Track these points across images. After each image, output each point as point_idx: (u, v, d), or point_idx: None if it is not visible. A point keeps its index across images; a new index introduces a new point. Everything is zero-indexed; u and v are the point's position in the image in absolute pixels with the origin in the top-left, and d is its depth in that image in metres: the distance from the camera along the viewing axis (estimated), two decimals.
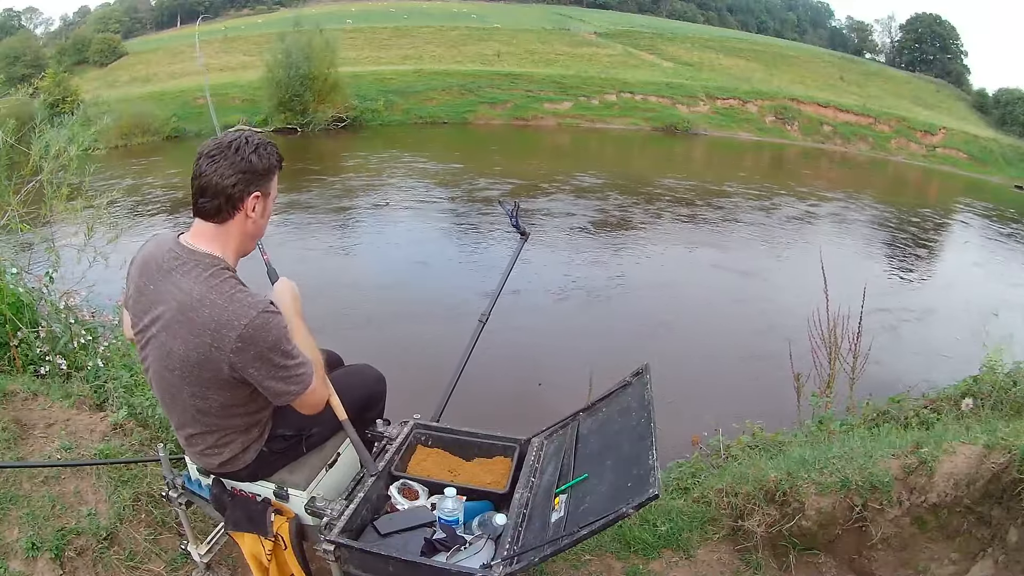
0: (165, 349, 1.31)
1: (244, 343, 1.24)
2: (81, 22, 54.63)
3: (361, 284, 7.44)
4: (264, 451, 1.53)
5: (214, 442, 1.47)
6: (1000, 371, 2.87)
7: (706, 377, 5.54)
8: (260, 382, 1.32)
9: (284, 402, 1.37)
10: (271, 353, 1.28)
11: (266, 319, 1.26)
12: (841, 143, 28.60)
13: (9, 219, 3.51)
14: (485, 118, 25.45)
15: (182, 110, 20.96)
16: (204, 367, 1.28)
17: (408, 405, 2.09)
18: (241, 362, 1.27)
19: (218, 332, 1.24)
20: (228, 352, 1.25)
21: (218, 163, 1.27)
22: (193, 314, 1.25)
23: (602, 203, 12.84)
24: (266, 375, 1.30)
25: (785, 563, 2.12)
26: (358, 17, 40.98)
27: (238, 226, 1.33)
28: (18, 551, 1.78)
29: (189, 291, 1.26)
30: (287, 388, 1.34)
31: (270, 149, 1.34)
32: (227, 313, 1.24)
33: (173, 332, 1.28)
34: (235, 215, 1.31)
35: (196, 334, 1.25)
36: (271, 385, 1.32)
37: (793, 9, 73.93)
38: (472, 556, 1.49)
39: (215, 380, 1.32)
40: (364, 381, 1.85)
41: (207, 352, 1.26)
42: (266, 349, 1.27)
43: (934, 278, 10.27)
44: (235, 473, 1.56)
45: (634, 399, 1.75)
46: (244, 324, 1.23)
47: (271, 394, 1.35)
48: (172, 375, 1.34)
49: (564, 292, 7.61)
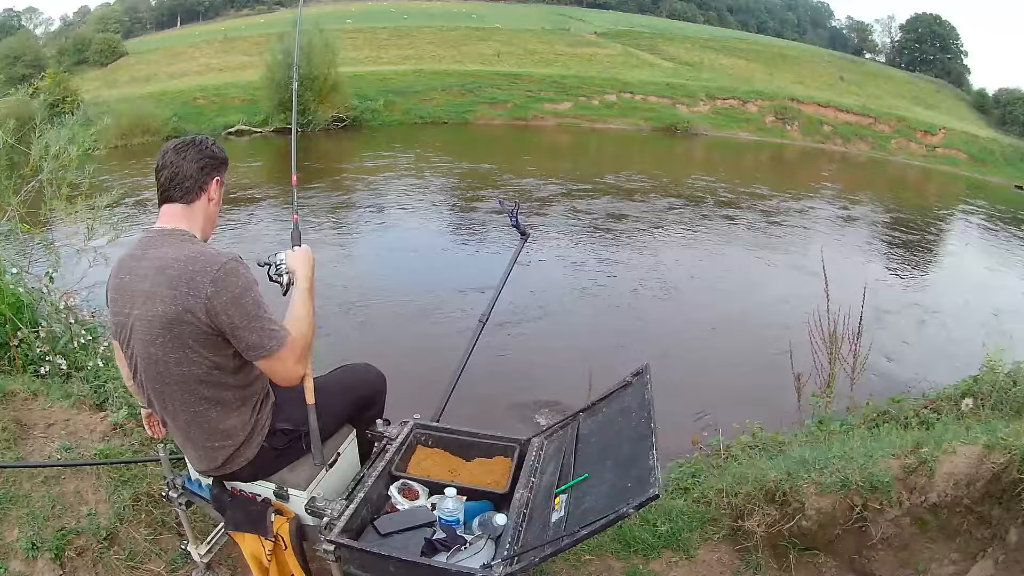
0: (147, 322, 1.38)
1: (217, 287, 1.33)
2: (81, 22, 54.63)
3: (361, 284, 7.44)
4: (265, 447, 1.53)
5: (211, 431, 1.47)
6: (1000, 371, 2.87)
7: (706, 377, 5.54)
8: (234, 332, 1.36)
9: (258, 357, 1.39)
10: (243, 299, 1.35)
11: (236, 266, 1.37)
12: (841, 143, 28.57)
13: (9, 219, 3.51)
14: (485, 118, 25.42)
15: (182, 110, 20.97)
16: (184, 321, 1.34)
17: (408, 405, 2.09)
18: (216, 306, 1.33)
19: (193, 280, 1.33)
20: (203, 298, 1.32)
21: (186, 153, 1.46)
22: (170, 271, 1.35)
23: (601, 203, 12.84)
24: (240, 323, 1.35)
25: (785, 563, 2.12)
26: (358, 17, 40.96)
27: (202, 207, 1.49)
28: (18, 551, 1.78)
29: (164, 255, 1.38)
30: (260, 341, 1.37)
31: (222, 147, 1.55)
32: (200, 263, 1.35)
33: (152, 298, 1.36)
34: (201, 196, 1.48)
35: (173, 287, 1.34)
36: (245, 336, 1.36)
37: (793, 9, 73.87)
38: (472, 556, 1.49)
39: (196, 336, 1.36)
40: (365, 379, 1.85)
41: (184, 302, 1.33)
42: (238, 293, 1.35)
43: (934, 278, 10.26)
44: (237, 473, 1.56)
45: (634, 399, 1.75)
46: (216, 269, 1.34)
47: (245, 347, 1.38)
48: (157, 347, 1.38)
49: (564, 292, 7.60)
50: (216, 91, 23.12)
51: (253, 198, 11.61)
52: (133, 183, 11.55)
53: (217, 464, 1.53)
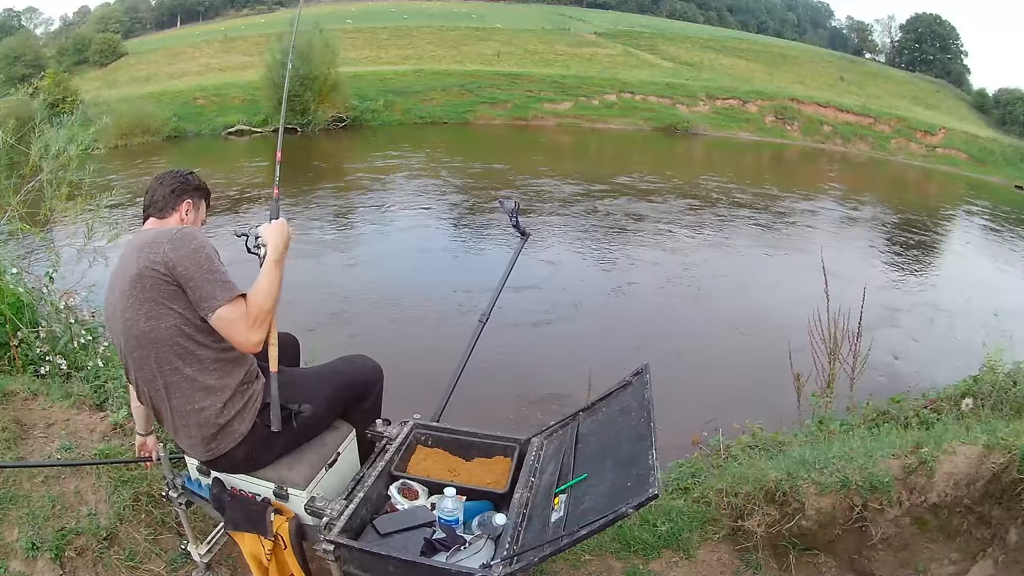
0: (121, 292, 1.48)
1: (174, 245, 1.46)
2: (81, 22, 54.63)
3: (361, 284, 7.44)
4: (258, 423, 1.55)
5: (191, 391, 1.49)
6: (1000, 371, 2.87)
7: (706, 377, 5.54)
8: (188, 282, 1.44)
9: (206, 310, 1.44)
10: (197, 254, 1.46)
11: (192, 231, 1.52)
12: (841, 143, 28.57)
13: (9, 219, 3.51)
14: (485, 118, 25.42)
15: (182, 110, 20.96)
16: (146, 276, 1.44)
17: (408, 405, 2.09)
18: (172, 259, 1.44)
19: (155, 242, 1.47)
20: (162, 254, 1.44)
21: (163, 179, 1.69)
22: (136, 243, 1.51)
23: (601, 203, 12.84)
24: (193, 274, 1.44)
25: (785, 563, 2.12)
26: (358, 17, 40.96)
27: (175, 224, 1.64)
28: (18, 551, 1.78)
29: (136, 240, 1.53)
30: (212, 292, 1.44)
31: (201, 180, 1.75)
32: (161, 234, 1.50)
33: (125, 272, 1.48)
34: (172, 215, 1.66)
35: (139, 253, 1.47)
36: (198, 287, 1.44)
37: (793, 9, 73.82)
38: (472, 556, 1.49)
39: (159, 288, 1.44)
40: (359, 367, 1.86)
41: (146, 260, 1.44)
42: (193, 248, 1.46)
43: (934, 278, 10.26)
44: (233, 454, 1.55)
45: (634, 399, 1.75)
46: (174, 233, 1.49)
47: (199, 298, 1.44)
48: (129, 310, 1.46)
49: (563, 292, 7.61)
50: (216, 91, 23.12)
51: (254, 198, 11.63)
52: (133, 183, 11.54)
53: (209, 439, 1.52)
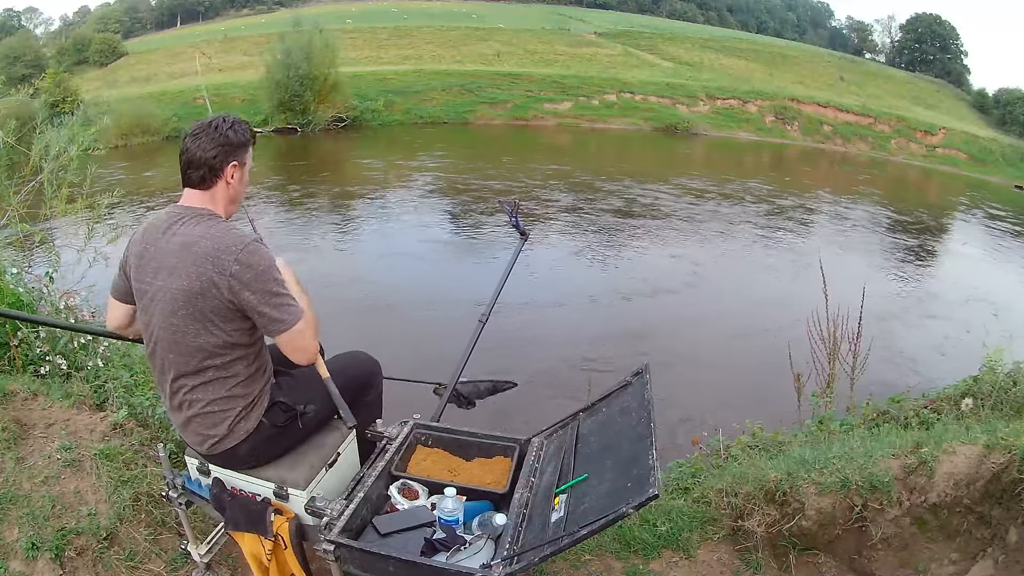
0: (171, 294, 1.43)
1: (241, 265, 1.39)
2: (81, 22, 54.62)
3: (360, 284, 7.44)
4: (264, 422, 1.55)
5: (215, 396, 1.49)
6: (1000, 371, 2.86)
7: (706, 377, 5.54)
8: (255, 307, 1.41)
9: (276, 331, 1.44)
10: (265, 276, 1.41)
11: (258, 246, 1.44)
12: (841, 143, 28.58)
13: (9, 219, 3.51)
14: (485, 118, 25.42)
15: (182, 110, 20.93)
16: (206, 294, 1.40)
17: (408, 405, 2.09)
18: (239, 284, 1.39)
19: (218, 258, 1.39)
20: (228, 276, 1.38)
21: (201, 140, 1.48)
22: (196, 248, 1.40)
23: (600, 203, 12.83)
24: (260, 300, 1.41)
25: (785, 563, 2.12)
26: (358, 17, 40.97)
27: (221, 191, 1.52)
28: (18, 551, 1.78)
29: (191, 232, 1.43)
30: (280, 316, 1.42)
31: (244, 126, 1.55)
32: (225, 241, 1.40)
33: (177, 272, 1.41)
34: (217, 182, 1.51)
35: (198, 264, 1.39)
36: (265, 311, 1.41)
37: (793, 9, 73.81)
38: (472, 556, 1.49)
39: (217, 310, 1.42)
40: (359, 363, 1.87)
41: (210, 278, 1.39)
42: (261, 271, 1.41)
43: (934, 278, 10.26)
44: (236, 450, 1.55)
45: (634, 399, 1.75)
46: (240, 248, 1.40)
47: (265, 322, 1.43)
48: (178, 318, 1.43)
49: (564, 292, 7.61)
50: (216, 91, 23.11)
51: (251, 194, 11.62)
52: (134, 183, 11.55)
53: (217, 437, 1.52)
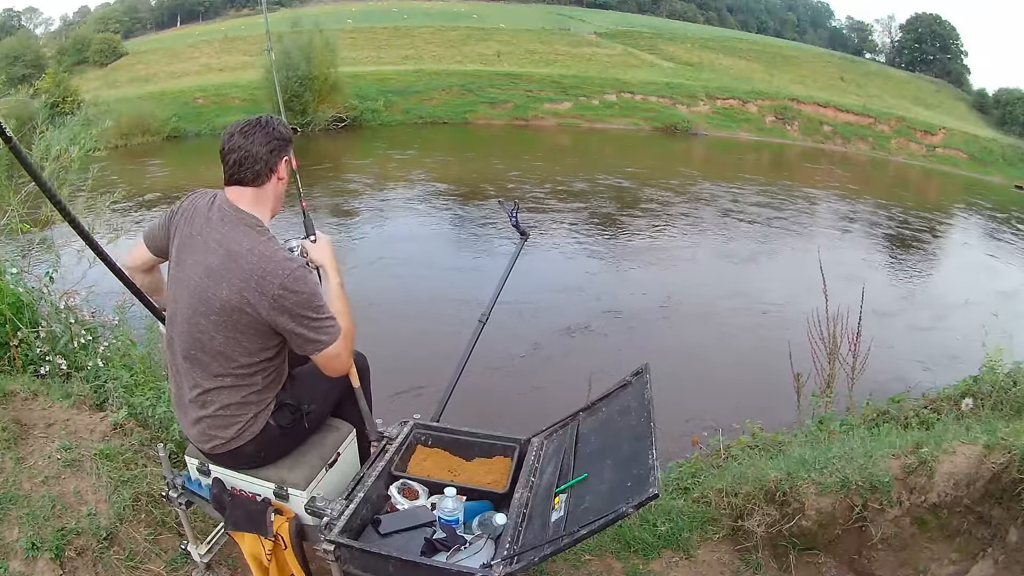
0: (207, 295, 1.42)
1: (285, 290, 1.39)
2: (81, 22, 54.56)
3: (360, 284, 7.44)
4: (271, 424, 1.55)
5: (230, 402, 1.49)
6: (1000, 371, 2.86)
7: (706, 377, 5.54)
8: (292, 330, 1.42)
9: (311, 352, 1.46)
10: (306, 305, 1.42)
11: (304, 273, 1.44)
12: (841, 143, 28.59)
13: (10, 219, 3.51)
14: (485, 118, 25.43)
15: (182, 110, 20.98)
16: (243, 311, 1.40)
17: (408, 405, 2.10)
18: (279, 308, 1.40)
19: (263, 279, 1.39)
20: (270, 298, 1.39)
21: (253, 136, 1.46)
22: (242, 261, 1.40)
23: (599, 203, 12.83)
24: (298, 323, 1.42)
25: (785, 563, 2.12)
26: (358, 17, 40.93)
27: (272, 188, 1.52)
28: (18, 551, 1.78)
29: (239, 242, 1.42)
30: (317, 337, 1.44)
31: (286, 124, 1.58)
32: (272, 264, 1.40)
33: (218, 278, 1.41)
34: (271, 178, 1.50)
35: (242, 279, 1.39)
36: (302, 332, 1.43)
37: (793, 9, 73.79)
38: (472, 556, 1.49)
39: (250, 325, 1.43)
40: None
41: (250, 296, 1.39)
42: (304, 299, 1.41)
43: (934, 278, 10.26)
44: (238, 451, 1.55)
45: (634, 399, 1.75)
46: (286, 275, 1.39)
47: (300, 342, 1.44)
48: (208, 321, 1.43)
49: (563, 291, 7.61)
50: (216, 91, 23.12)
51: None
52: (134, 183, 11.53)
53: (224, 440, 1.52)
